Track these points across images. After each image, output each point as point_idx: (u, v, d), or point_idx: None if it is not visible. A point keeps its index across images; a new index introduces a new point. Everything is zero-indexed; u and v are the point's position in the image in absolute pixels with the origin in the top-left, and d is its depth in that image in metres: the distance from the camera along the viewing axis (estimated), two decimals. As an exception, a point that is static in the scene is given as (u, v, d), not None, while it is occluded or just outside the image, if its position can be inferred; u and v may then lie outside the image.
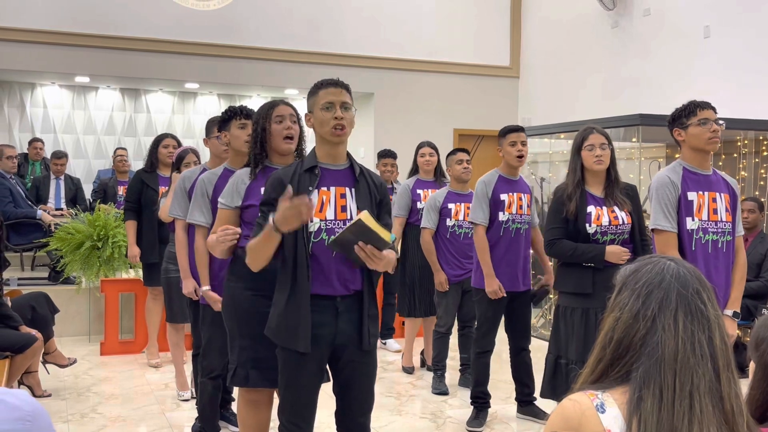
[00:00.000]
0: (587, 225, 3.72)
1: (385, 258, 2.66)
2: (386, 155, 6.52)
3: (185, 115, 10.99)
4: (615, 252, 3.69)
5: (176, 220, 4.16)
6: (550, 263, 4.74)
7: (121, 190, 7.51)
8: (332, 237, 2.69)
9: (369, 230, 2.57)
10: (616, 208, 3.77)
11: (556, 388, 3.85)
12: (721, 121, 3.44)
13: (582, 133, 3.82)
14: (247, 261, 2.78)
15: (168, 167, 5.61)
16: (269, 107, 3.29)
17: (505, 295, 4.42)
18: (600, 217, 3.73)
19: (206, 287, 3.64)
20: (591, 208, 3.75)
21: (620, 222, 3.76)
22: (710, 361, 1.39)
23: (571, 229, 3.77)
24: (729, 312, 3.48)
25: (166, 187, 5.50)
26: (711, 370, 1.38)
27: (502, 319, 4.61)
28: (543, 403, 4.53)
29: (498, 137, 4.56)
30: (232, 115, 3.75)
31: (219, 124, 3.87)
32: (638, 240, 3.81)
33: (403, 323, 6.12)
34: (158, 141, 5.72)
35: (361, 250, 2.60)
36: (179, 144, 5.72)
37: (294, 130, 3.27)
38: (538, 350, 4.68)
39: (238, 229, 3.15)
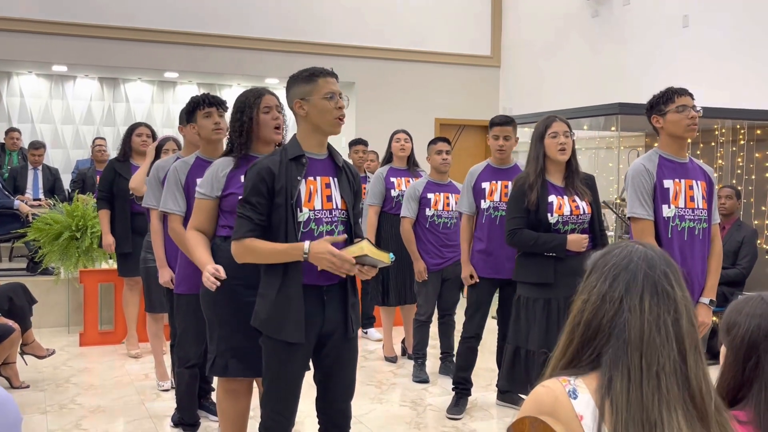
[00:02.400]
0: (549, 215, 3.73)
1: (375, 270, 2.75)
2: (357, 143, 6.65)
3: (164, 104, 10.90)
4: (576, 240, 3.71)
5: (151, 210, 4.13)
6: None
7: (100, 180, 7.43)
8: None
9: (371, 259, 2.67)
10: (576, 198, 3.78)
11: (515, 379, 3.86)
12: (698, 108, 3.46)
13: (545, 121, 3.83)
14: (240, 255, 2.75)
15: (141, 156, 5.56)
16: (256, 96, 3.24)
17: (477, 281, 4.47)
18: (561, 206, 3.74)
19: (210, 265, 3.60)
20: (552, 198, 3.76)
21: (581, 212, 3.77)
22: (675, 342, 1.40)
23: (532, 218, 3.77)
24: (705, 300, 3.51)
25: None
26: (676, 351, 1.40)
27: (496, 306, 4.64)
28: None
29: (488, 127, 4.60)
30: (195, 106, 3.73)
31: (186, 116, 3.84)
32: (597, 229, 3.84)
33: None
34: (131, 130, 5.67)
35: (357, 269, 2.69)
36: (153, 133, 5.67)
37: (281, 120, 3.26)
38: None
39: (223, 277, 3.02)
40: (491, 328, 4.75)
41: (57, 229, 6.37)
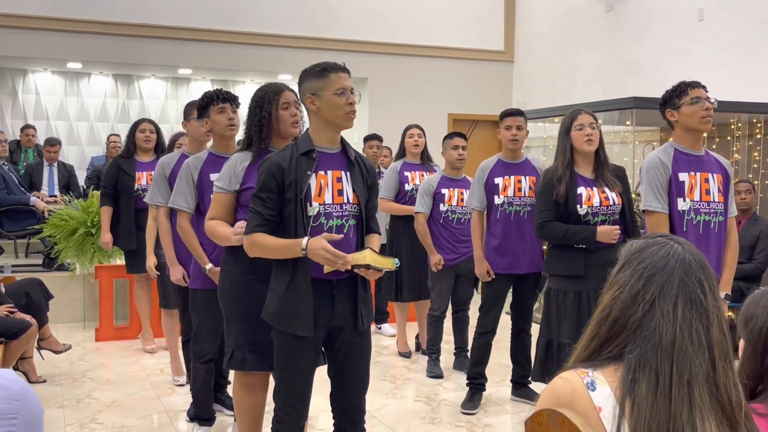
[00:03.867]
0: (578, 206, 3.73)
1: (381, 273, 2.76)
2: (371, 138, 6.67)
3: (178, 100, 10.94)
4: (606, 231, 3.70)
5: (159, 207, 4.13)
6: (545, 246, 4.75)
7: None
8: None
9: (375, 267, 2.68)
10: (606, 189, 3.78)
11: (548, 372, 3.86)
12: (713, 99, 3.44)
13: (570, 114, 3.85)
14: (250, 249, 2.77)
15: (145, 152, 5.59)
16: (275, 92, 3.25)
17: (493, 277, 4.44)
18: (591, 198, 3.74)
19: (209, 265, 3.63)
20: (581, 190, 3.76)
21: (611, 203, 3.77)
22: (707, 351, 1.39)
23: (561, 211, 3.78)
24: (721, 294, 3.49)
25: (143, 173, 5.49)
26: (708, 360, 1.38)
27: (510, 300, 4.63)
28: (537, 386, 4.54)
29: (498, 120, 4.57)
30: (209, 101, 3.74)
31: (198, 111, 3.85)
32: (629, 221, 3.83)
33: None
34: (135, 126, 5.67)
35: (362, 272, 2.70)
36: (157, 129, 5.68)
37: (299, 117, 3.27)
38: (536, 334, 4.69)
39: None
40: (505, 323, 4.74)
41: (72, 225, 6.41)
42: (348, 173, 2.83)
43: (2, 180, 7.11)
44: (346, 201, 2.80)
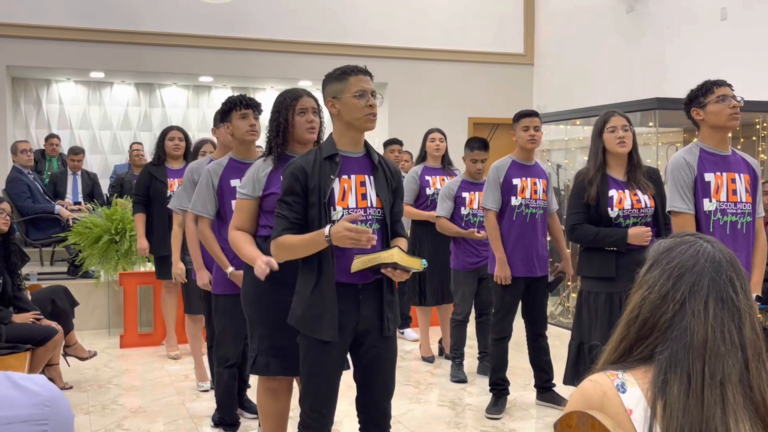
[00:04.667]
0: (609, 209, 3.71)
1: (408, 275, 2.73)
2: (392, 142, 6.71)
3: (200, 108, 11.02)
4: (638, 234, 3.67)
5: (186, 213, 4.16)
6: (568, 250, 4.72)
7: (138, 185, 7.52)
8: (359, 259, 2.68)
9: (402, 267, 2.65)
10: (638, 192, 3.75)
11: (580, 375, 3.83)
12: (739, 98, 3.40)
13: (603, 116, 3.82)
14: (277, 254, 2.78)
15: (175, 160, 5.64)
16: (292, 98, 3.25)
17: (510, 282, 4.42)
18: (622, 200, 3.72)
19: (230, 269, 3.64)
20: (613, 192, 3.73)
21: (643, 205, 3.74)
22: (740, 351, 1.36)
23: (593, 213, 3.76)
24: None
25: (175, 180, 5.53)
26: (741, 360, 1.36)
27: (520, 305, 4.60)
28: (562, 390, 4.51)
29: (512, 121, 4.54)
30: (232, 106, 3.76)
31: (221, 116, 3.88)
32: (662, 224, 3.80)
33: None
34: (164, 134, 5.72)
35: (389, 272, 2.68)
36: (185, 136, 5.73)
37: (316, 123, 3.26)
38: (557, 338, 4.67)
39: (276, 267, 3.02)
40: (522, 325, 4.69)
41: (96, 232, 6.47)
42: (372, 177, 2.82)
43: (28, 189, 7.20)
44: (369, 205, 2.79)
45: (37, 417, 1.10)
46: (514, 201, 4.44)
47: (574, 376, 3.91)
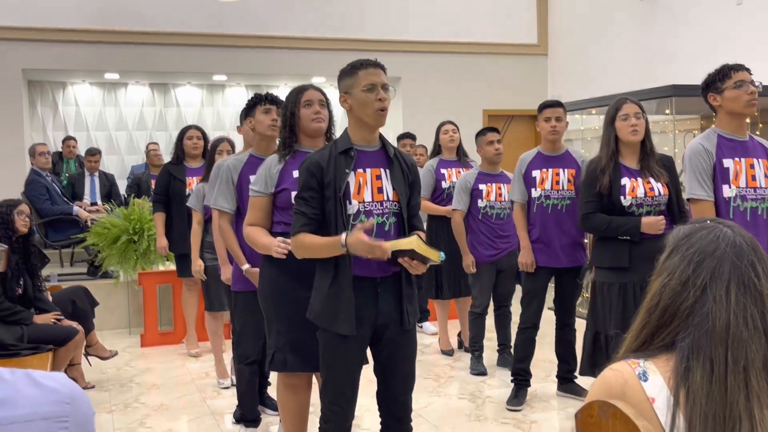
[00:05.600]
0: (622, 197, 3.67)
1: (425, 266, 2.71)
2: (405, 136, 6.73)
3: (214, 107, 11.06)
4: (651, 223, 3.63)
5: (212, 209, 4.18)
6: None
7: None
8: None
9: (420, 256, 2.63)
10: (652, 180, 3.70)
11: (596, 365, 3.81)
12: (757, 83, 3.35)
13: (615, 104, 3.77)
14: (296, 251, 2.78)
15: (194, 159, 5.67)
16: (298, 92, 3.28)
17: (533, 271, 4.40)
18: (635, 189, 3.68)
19: (246, 266, 3.66)
20: (625, 180, 3.70)
21: (656, 193, 3.70)
22: (763, 336, 1.34)
23: (605, 202, 3.72)
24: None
25: (193, 178, 5.56)
26: (764, 345, 1.34)
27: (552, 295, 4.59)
28: (583, 381, 4.49)
29: (537, 112, 4.53)
30: (257, 101, 3.80)
31: (245, 111, 3.90)
32: (676, 212, 3.75)
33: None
34: (182, 133, 5.76)
35: (406, 262, 2.65)
36: (204, 135, 5.76)
37: (323, 115, 3.25)
38: (578, 329, 4.64)
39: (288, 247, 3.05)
40: (549, 318, 4.69)
41: (115, 233, 6.50)
42: (387, 171, 2.81)
43: (46, 191, 7.25)
44: (386, 199, 2.78)
45: (57, 414, 1.10)
46: (534, 193, 4.42)
47: (589, 367, 3.89)
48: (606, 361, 1.47)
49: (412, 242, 2.62)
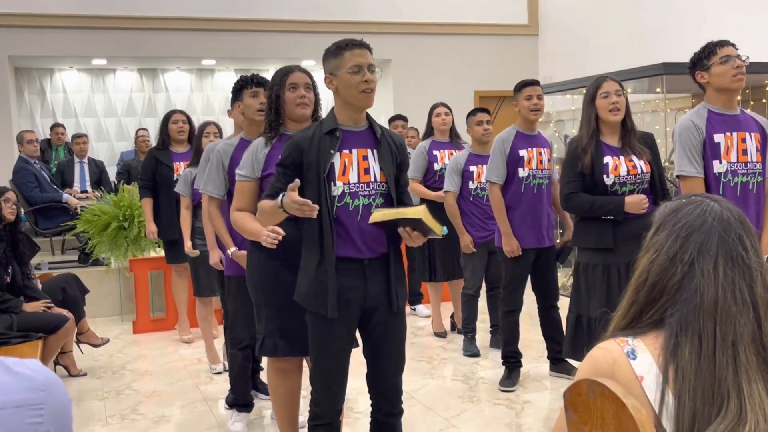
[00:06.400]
0: (605, 176, 3.64)
1: (424, 239, 2.68)
2: (397, 118, 6.69)
3: (204, 92, 10.99)
4: (635, 202, 3.60)
5: (201, 194, 4.15)
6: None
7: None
8: (380, 212, 2.65)
9: (426, 225, 2.57)
10: (634, 157, 3.67)
11: (578, 348, 3.79)
12: (744, 57, 3.32)
13: (595, 82, 3.74)
14: (257, 218, 2.79)
15: (180, 143, 5.62)
16: (283, 74, 3.23)
17: (520, 254, 4.37)
18: (618, 167, 3.64)
19: (232, 249, 3.64)
20: (608, 159, 3.66)
21: (639, 171, 3.67)
22: (752, 310, 1.33)
23: (588, 182, 3.68)
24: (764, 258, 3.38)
25: (180, 163, 5.52)
26: (753, 319, 1.32)
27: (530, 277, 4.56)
28: (576, 361, 4.49)
29: (513, 92, 4.48)
30: (243, 84, 3.74)
31: (232, 96, 3.85)
32: (659, 189, 3.72)
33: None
34: (167, 118, 5.70)
35: (406, 232, 2.61)
36: (188, 119, 5.70)
37: (308, 99, 3.21)
38: (566, 309, 4.63)
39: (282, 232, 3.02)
40: (533, 297, 4.66)
41: (105, 219, 6.46)
42: (375, 151, 2.77)
43: (35, 179, 7.19)
44: (373, 179, 2.75)
45: (31, 402, 1.08)
46: (522, 173, 4.38)
47: (572, 349, 3.87)
48: (588, 344, 1.46)
49: (420, 211, 2.56)
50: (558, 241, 4.63)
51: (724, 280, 1.33)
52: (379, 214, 2.63)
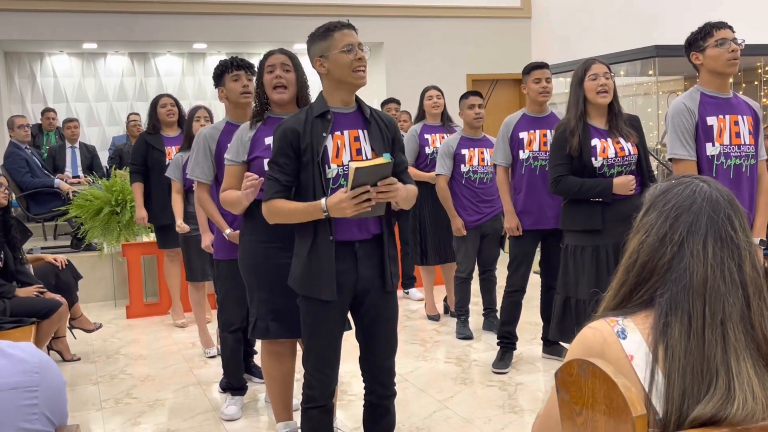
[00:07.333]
0: (593, 159, 3.66)
1: (400, 187, 2.63)
2: (389, 101, 6.68)
3: (195, 76, 10.93)
4: (623, 183, 3.63)
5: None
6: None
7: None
8: (355, 163, 2.58)
9: (366, 170, 2.51)
10: (621, 140, 3.69)
11: (566, 330, 3.82)
12: (740, 41, 3.32)
13: (583, 64, 3.75)
14: (269, 216, 2.75)
15: (170, 127, 5.60)
16: (264, 57, 3.25)
17: (521, 233, 4.39)
18: (606, 149, 3.66)
19: (228, 230, 3.64)
20: (595, 141, 3.68)
21: (627, 153, 3.69)
22: (741, 289, 1.34)
23: (576, 164, 3.69)
24: (755, 240, 3.41)
25: (172, 147, 5.50)
26: (742, 298, 1.34)
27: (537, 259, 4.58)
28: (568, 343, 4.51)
29: (522, 75, 4.49)
30: (224, 69, 3.73)
31: (214, 80, 3.84)
32: (645, 171, 3.74)
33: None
34: (155, 102, 5.67)
35: (378, 194, 2.57)
36: (177, 102, 5.67)
37: (285, 79, 3.19)
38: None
39: (258, 177, 3.04)
40: (534, 281, 4.70)
41: (97, 204, 6.45)
42: (365, 131, 2.78)
43: (26, 164, 7.16)
44: (365, 158, 2.75)
45: (26, 384, 1.08)
46: (522, 155, 4.41)
47: (560, 332, 3.90)
48: (576, 326, 1.47)
49: (352, 168, 2.50)
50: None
51: (713, 260, 1.34)
52: (354, 164, 2.55)
